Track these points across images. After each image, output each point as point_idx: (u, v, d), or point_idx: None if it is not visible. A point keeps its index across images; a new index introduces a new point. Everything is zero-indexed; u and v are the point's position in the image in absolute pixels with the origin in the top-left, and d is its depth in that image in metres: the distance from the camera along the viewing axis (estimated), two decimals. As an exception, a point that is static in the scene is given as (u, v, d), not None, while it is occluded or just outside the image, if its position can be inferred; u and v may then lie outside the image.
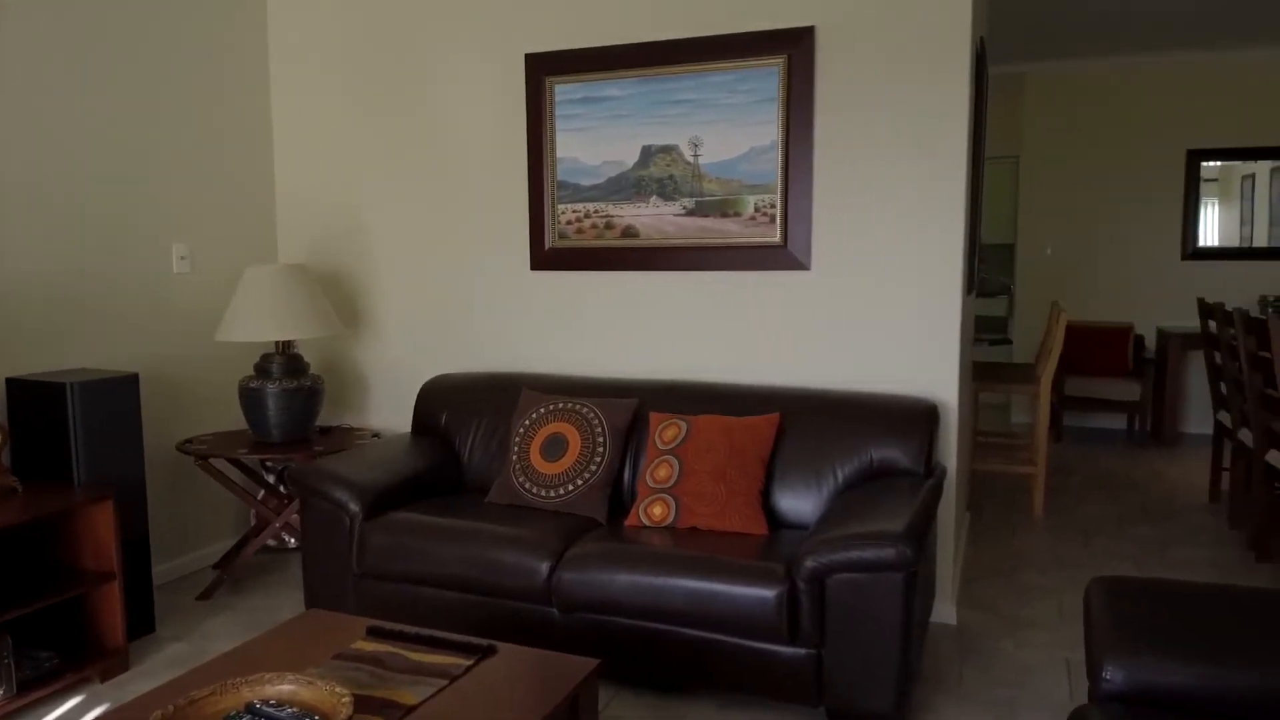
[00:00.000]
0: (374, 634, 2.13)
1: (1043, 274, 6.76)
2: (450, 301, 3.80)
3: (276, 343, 3.58)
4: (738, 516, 2.74)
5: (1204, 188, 6.38)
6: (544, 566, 2.62)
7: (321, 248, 4.01)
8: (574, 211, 3.52)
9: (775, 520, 2.88)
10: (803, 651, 2.39)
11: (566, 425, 3.05)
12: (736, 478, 2.77)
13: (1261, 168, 6.27)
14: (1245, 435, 4.07)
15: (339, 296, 4.00)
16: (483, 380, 3.48)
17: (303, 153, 3.99)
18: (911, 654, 2.40)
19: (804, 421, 2.94)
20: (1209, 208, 6.40)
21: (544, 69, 3.48)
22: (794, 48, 3.12)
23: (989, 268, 7.79)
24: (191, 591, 3.55)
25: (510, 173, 3.63)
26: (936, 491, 2.71)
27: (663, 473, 2.86)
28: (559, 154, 3.51)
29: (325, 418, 4.05)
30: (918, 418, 2.85)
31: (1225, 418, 4.48)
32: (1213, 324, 4.44)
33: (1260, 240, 6.31)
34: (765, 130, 3.19)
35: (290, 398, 3.46)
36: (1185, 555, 3.97)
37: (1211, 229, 6.40)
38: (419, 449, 3.29)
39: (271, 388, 3.44)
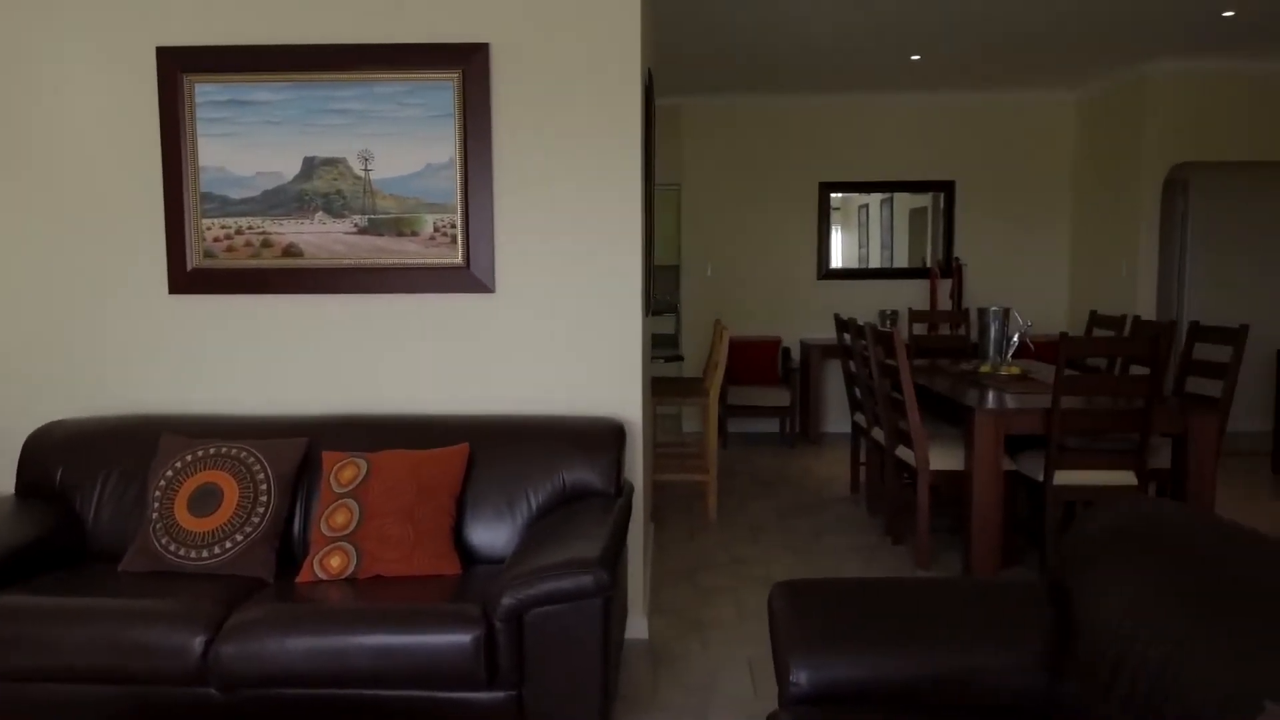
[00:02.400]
0: (-40, 763, 1.67)
1: (705, 293, 7.27)
2: (66, 333, 3.18)
3: None
4: (428, 558, 2.55)
5: (833, 216, 7.26)
6: (197, 641, 2.24)
7: (-123, 268, 3.18)
8: (223, 227, 3.11)
9: (469, 557, 2.73)
10: (502, 694, 2.27)
11: (220, 473, 2.66)
12: (425, 516, 2.58)
13: (874, 199, 7.26)
14: (878, 434, 4.63)
15: (-94, 329, 3.19)
16: (110, 426, 2.94)
17: None
18: (610, 676, 2.38)
19: (495, 450, 2.83)
20: (837, 233, 7.28)
21: (181, 65, 3.05)
22: (467, 64, 3.01)
23: (658, 287, 8.25)
24: None
25: (142, 182, 3.13)
26: (627, 511, 2.73)
27: (340, 518, 2.59)
28: (203, 162, 3.09)
29: (-111, 482, 3.21)
30: (607, 438, 2.86)
31: (861, 419, 5.07)
32: (847, 336, 5.02)
33: (874, 262, 7.30)
34: (443, 147, 3.05)
35: None
36: (836, 542, 4.42)
37: (839, 252, 7.29)
38: (25, 514, 2.69)
39: None
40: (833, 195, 7.20)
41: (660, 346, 7.58)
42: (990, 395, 3.97)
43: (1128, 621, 1.62)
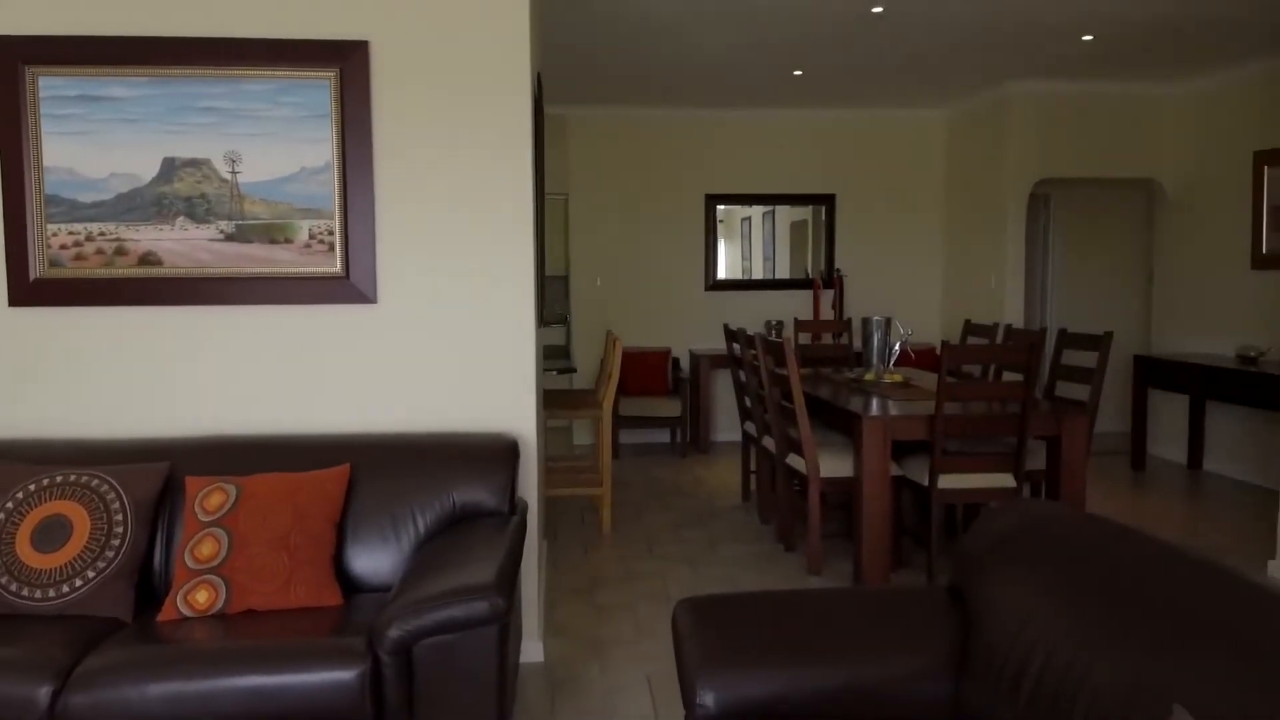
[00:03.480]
0: None
1: (595, 304, 7.21)
2: (-116, 350, 2.84)
3: None
4: (306, 589, 2.37)
5: (720, 228, 7.33)
6: (43, 693, 2.01)
7: None
8: (71, 234, 2.84)
9: (352, 586, 2.57)
10: (390, 732, 2.12)
11: (69, 503, 2.41)
12: (303, 544, 2.40)
13: (755, 211, 7.38)
14: (768, 442, 4.66)
15: None
16: (-61, 453, 2.64)
17: None
18: (506, 706, 2.27)
19: (379, 470, 2.67)
20: (721, 245, 7.36)
21: (22, 56, 2.77)
22: (344, 62, 2.85)
23: (548, 298, 8.14)
24: None
25: (-26, 183, 2.82)
26: (521, 531, 2.62)
27: (207, 549, 2.38)
28: (48, 162, 2.81)
29: None
30: (499, 455, 2.74)
31: (751, 428, 5.10)
32: (737, 346, 5.04)
33: (757, 273, 7.41)
34: (318, 149, 2.87)
35: None
36: (730, 552, 4.42)
37: (723, 263, 7.36)
38: None
39: None
40: (719, 208, 7.27)
41: (551, 358, 7.48)
42: (875, 403, 4.05)
43: (1030, 624, 1.63)
